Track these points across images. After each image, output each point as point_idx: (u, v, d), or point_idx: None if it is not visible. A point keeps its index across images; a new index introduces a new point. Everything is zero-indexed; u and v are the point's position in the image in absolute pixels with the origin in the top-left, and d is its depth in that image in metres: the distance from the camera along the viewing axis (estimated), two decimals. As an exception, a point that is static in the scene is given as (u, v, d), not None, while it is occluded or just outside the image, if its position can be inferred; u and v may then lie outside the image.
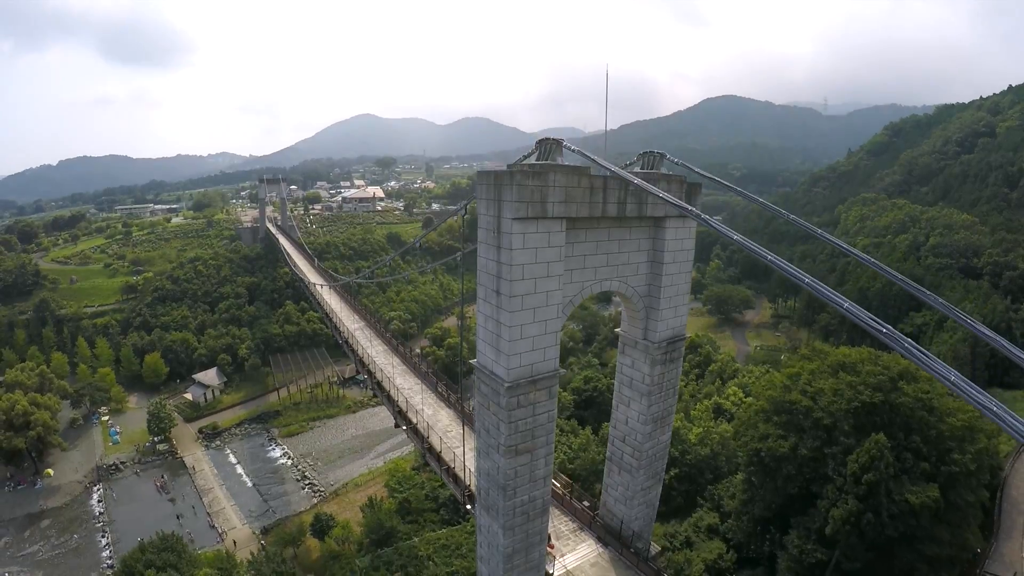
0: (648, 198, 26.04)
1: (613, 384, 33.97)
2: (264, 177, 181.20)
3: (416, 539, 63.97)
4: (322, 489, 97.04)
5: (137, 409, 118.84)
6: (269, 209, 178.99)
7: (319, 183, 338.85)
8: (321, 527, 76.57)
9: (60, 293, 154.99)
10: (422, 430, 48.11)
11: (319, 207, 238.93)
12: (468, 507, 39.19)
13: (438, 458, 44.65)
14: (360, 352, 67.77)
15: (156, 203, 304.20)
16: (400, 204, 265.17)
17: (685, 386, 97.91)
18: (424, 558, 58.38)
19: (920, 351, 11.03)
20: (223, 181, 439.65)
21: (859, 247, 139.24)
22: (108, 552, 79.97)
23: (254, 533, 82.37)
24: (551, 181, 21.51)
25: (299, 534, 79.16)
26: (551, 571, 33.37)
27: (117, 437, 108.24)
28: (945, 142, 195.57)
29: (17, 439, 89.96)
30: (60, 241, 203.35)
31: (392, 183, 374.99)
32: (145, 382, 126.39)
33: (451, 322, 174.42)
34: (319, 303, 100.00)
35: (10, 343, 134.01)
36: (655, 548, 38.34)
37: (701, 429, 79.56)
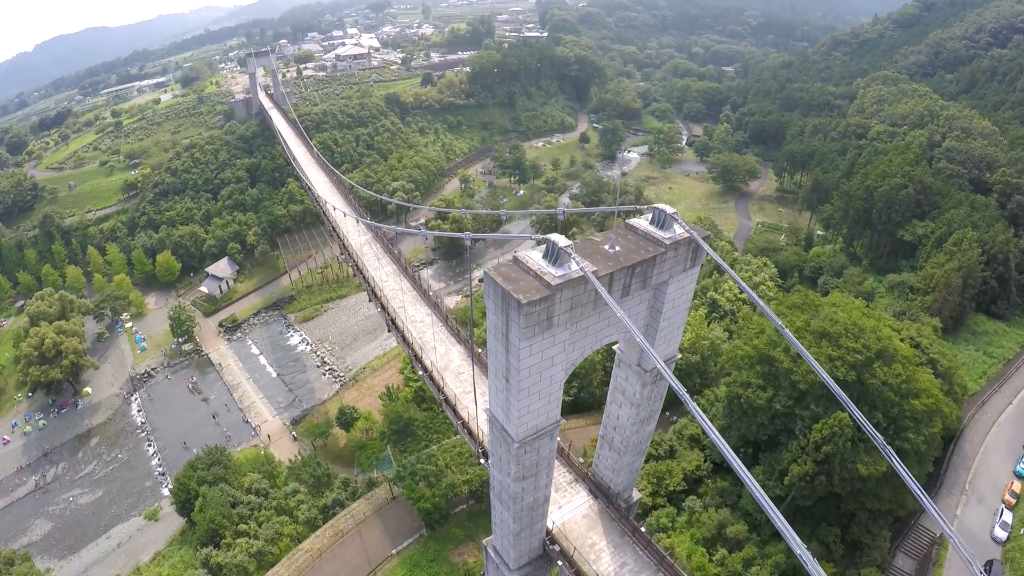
0: (653, 271, 27.14)
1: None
2: (252, 51, 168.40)
3: (435, 447, 72.19)
4: (341, 374, 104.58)
5: (156, 310, 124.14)
6: (260, 72, 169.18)
7: (310, 34, 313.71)
8: (346, 419, 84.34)
9: (61, 203, 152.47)
10: (438, 379, 52.37)
11: (312, 66, 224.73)
12: (482, 461, 44.96)
13: (454, 411, 49.54)
14: (371, 281, 70.34)
15: (142, 78, 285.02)
16: (397, 56, 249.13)
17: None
18: (443, 466, 66.81)
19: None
20: (208, 40, 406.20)
21: (873, 132, 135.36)
22: (157, 460, 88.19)
23: (285, 425, 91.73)
24: (558, 299, 22.84)
25: (326, 426, 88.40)
26: (548, 526, 39.86)
27: (144, 344, 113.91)
28: (978, 30, 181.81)
29: (52, 371, 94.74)
30: (51, 144, 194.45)
31: (387, 28, 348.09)
32: (160, 281, 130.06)
33: (453, 186, 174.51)
34: (319, 204, 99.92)
35: (22, 264, 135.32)
36: (636, 495, 44.96)
37: (693, 335, 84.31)
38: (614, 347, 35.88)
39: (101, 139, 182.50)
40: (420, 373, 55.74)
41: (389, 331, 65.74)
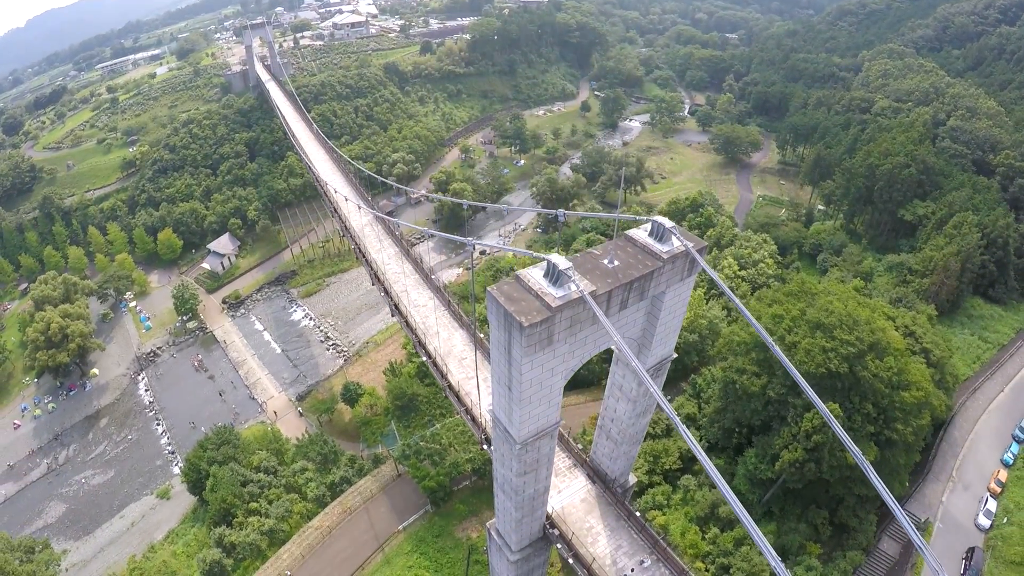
0: (651, 284, 27.90)
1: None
2: (248, 23, 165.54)
3: (438, 425, 74.10)
4: (345, 349, 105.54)
5: (159, 288, 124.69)
6: (256, 43, 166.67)
7: (307, 1, 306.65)
8: (350, 395, 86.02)
9: (60, 183, 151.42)
10: (441, 366, 53.72)
11: (309, 35, 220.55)
12: (484, 447, 46.68)
13: (458, 397, 51.06)
14: (374, 265, 71.16)
15: (136, 51, 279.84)
16: (396, 24, 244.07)
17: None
18: (447, 445, 68.85)
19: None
20: (203, 9, 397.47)
21: (877, 107, 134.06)
22: (166, 439, 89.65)
23: (291, 401, 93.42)
24: (558, 319, 23.79)
25: (331, 402, 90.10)
26: (548, 510, 41.77)
27: (148, 323, 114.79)
28: (987, 5, 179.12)
29: (59, 354, 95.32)
30: (47, 123, 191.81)
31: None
32: (162, 259, 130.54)
33: (453, 156, 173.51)
34: (320, 185, 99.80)
35: (24, 247, 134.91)
36: (632, 479, 46.83)
37: (692, 314, 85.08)
38: (612, 346, 37.15)
39: (98, 116, 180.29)
40: (424, 359, 56.92)
41: (393, 315, 66.97)
